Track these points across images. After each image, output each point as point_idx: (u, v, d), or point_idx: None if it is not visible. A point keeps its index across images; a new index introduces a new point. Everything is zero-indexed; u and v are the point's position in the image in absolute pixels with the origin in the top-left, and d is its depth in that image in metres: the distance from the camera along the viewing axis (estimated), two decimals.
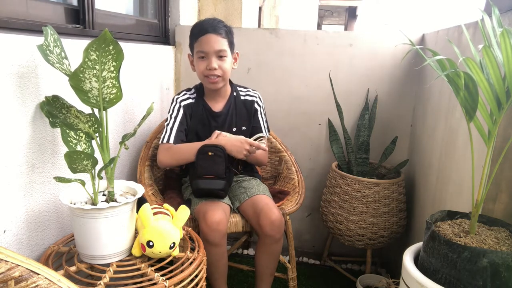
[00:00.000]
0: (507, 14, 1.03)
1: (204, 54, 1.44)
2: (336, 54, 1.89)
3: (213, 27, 1.43)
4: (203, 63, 1.45)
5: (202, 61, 1.45)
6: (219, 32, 1.43)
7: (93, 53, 0.91)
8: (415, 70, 1.83)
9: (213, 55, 1.43)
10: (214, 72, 1.44)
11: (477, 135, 0.91)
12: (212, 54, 1.43)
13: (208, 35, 1.42)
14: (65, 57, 1.00)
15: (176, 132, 1.48)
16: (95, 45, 0.90)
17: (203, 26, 1.45)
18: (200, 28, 1.45)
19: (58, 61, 0.97)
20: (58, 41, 0.99)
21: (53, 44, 0.97)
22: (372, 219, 1.67)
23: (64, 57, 1.00)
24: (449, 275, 0.84)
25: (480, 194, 0.90)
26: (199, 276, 1.07)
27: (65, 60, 1.00)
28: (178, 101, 1.53)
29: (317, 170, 2.04)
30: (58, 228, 1.17)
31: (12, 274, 0.60)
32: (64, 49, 1.00)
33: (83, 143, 1.05)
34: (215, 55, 1.43)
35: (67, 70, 0.98)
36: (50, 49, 0.95)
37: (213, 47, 1.42)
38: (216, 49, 1.42)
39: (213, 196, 1.42)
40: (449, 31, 1.46)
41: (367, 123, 1.84)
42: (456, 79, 0.84)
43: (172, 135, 1.47)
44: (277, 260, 1.48)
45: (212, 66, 1.43)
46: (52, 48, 0.96)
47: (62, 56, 0.99)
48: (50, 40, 0.96)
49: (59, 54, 0.98)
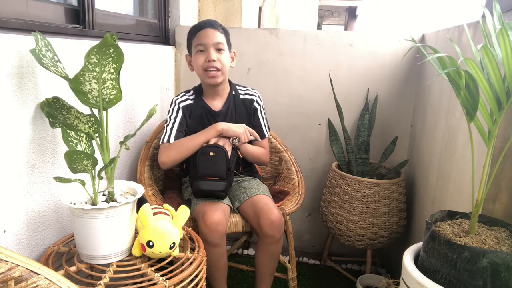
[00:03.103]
0: (507, 14, 1.03)
1: (203, 47, 1.46)
2: (336, 54, 1.89)
3: (210, 23, 1.49)
4: (202, 57, 1.46)
5: (201, 55, 1.47)
6: (217, 28, 1.48)
7: (94, 56, 0.91)
8: (415, 70, 1.83)
9: (212, 47, 1.46)
10: (213, 64, 1.45)
11: (477, 135, 0.91)
12: (211, 46, 1.45)
13: (206, 29, 1.47)
14: (59, 60, 1.00)
15: (176, 132, 1.48)
16: (96, 50, 0.90)
17: (200, 23, 1.51)
18: (198, 25, 1.50)
19: (53, 64, 0.96)
20: (49, 46, 0.98)
21: (45, 49, 0.96)
22: (372, 219, 1.67)
23: (57, 61, 0.99)
24: (449, 275, 0.84)
25: (480, 194, 0.90)
26: (199, 276, 1.07)
27: (59, 63, 0.99)
28: (177, 103, 1.53)
29: (317, 170, 2.04)
30: (58, 228, 1.17)
31: (12, 274, 0.60)
32: (56, 52, 1.00)
33: (83, 143, 1.05)
34: (214, 48, 1.46)
35: (62, 73, 0.97)
36: (43, 53, 0.95)
37: (212, 39, 1.45)
38: (214, 41, 1.45)
39: (214, 197, 1.42)
40: (449, 31, 1.46)
41: (367, 123, 1.84)
42: (457, 79, 0.84)
43: (172, 135, 1.48)
44: (277, 260, 1.48)
45: (211, 57, 1.45)
46: (44, 52, 0.96)
47: (55, 59, 0.99)
48: (41, 44, 0.96)
49: (52, 58, 0.98)
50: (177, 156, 1.47)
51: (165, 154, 1.46)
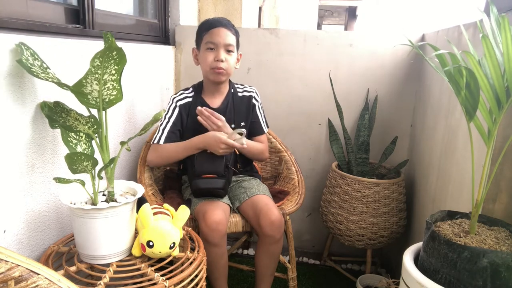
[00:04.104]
0: (506, 15, 1.03)
1: (214, 46, 1.46)
2: (336, 54, 1.89)
3: (225, 23, 1.49)
4: (211, 55, 1.47)
5: (210, 53, 1.47)
6: (230, 29, 1.49)
7: (97, 60, 0.91)
8: (415, 70, 1.83)
9: (222, 47, 1.46)
10: (220, 65, 1.46)
11: (477, 135, 0.91)
12: (222, 46, 1.46)
13: (220, 28, 1.47)
14: (48, 67, 0.99)
15: (167, 133, 1.48)
16: (100, 53, 0.90)
17: (215, 20, 1.50)
18: (212, 22, 1.49)
19: (43, 71, 0.96)
20: (35, 55, 0.98)
21: (31, 58, 0.96)
22: (372, 219, 1.67)
23: (46, 67, 0.99)
24: (449, 275, 0.84)
25: (480, 194, 0.90)
26: (199, 276, 1.07)
27: (49, 69, 0.99)
28: (175, 101, 1.53)
29: (317, 170, 2.04)
30: (58, 228, 1.17)
31: (12, 274, 0.60)
32: (44, 61, 0.99)
33: (83, 143, 1.05)
34: (224, 48, 1.46)
35: (54, 78, 0.97)
36: (31, 62, 0.94)
37: (224, 40, 1.46)
38: (226, 42, 1.46)
39: (213, 195, 1.42)
40: (449, 31, 1.46)
41: (367, 123, 1.84)
42: (457, 77, 0.84)
43: (162, 136, 1.48)
44: (277, 260, 1.48)
45: (220, 57, 1.45)
46: (32, 62, 0.95)
47: (44, 67, 0.98)
48: (27, 54, 0.95)
49: (41, 66, 0.97)
50: (160, 162, 1.51)
51: (152, 155, 1.49)
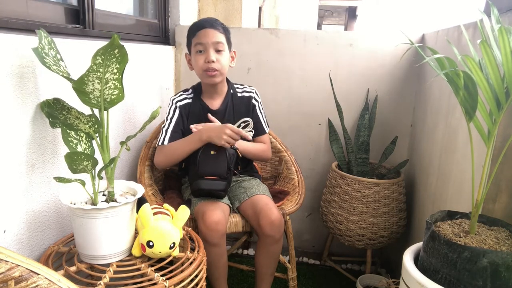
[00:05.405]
0: (506, 15, 1.03)
1: (202, 47, 1.46)
2: (336, 54, 1.89)
3: (211, 23, 1.48)
4: (202, 57, 1.46)
5: (200, 55, 1.47)
6: (217, 28, 1.48)
7: (99, 57, 0.91)
8: (415, 70, 1.83)
9: (211, 47, 1.45)
10: (212, 66, 1.45)
11: (477, 135, 0.91)
12: (210, 46, 1.45)
13: (206, 29, 1.46)
14: (61, 59, 0.99)
15: (170, 133, 1.49)
16: (102, 50, 0.90)
17: (200, 22, 1.50)
18: (198, 24, 1.50)
19: (55, 63, 0.95)
20: (52, 43, 0.97)
21: (48, 47, 0.95)
22: (372, 219, 1.67)
23: (60, 59, 0.99)
24: (449, 275, 0.84)
25: (480, 194, 0.90)
26: (199, 276, 1.07)
27: (61, 62, 0.99)
28: (174, 102, 1.54)
29: (317, 170, 2.04)
30: (58, 228, 1.17)
31: (12, 274, 0.60)
32: (59, 51, 1.00)
33: (83, 143, 1.05)
34: (213, 48, 1.46)
35: (64, 72, 0.97)
36: (46, 51, 0.94)
37: (211, 39, 1.45)
38: (213, 40, 1.45)
39: (213, 196, 1.42)
40: (449, 31, 1.46)
41: (367, 123, 1.84)
42: (455, 79, 0.84)
43: (166, 137, 1.48)
44: (277, 260, 1.48)
45: (210, 58, 1.44)
46: (47, 51, 0.95)
47: (57, 58, 0.98)
48: (45, 42, 0.95)
49: (55, 56, 0.97)
50: (169, 162, 1.50)
51: (158, 157, 1.50)
